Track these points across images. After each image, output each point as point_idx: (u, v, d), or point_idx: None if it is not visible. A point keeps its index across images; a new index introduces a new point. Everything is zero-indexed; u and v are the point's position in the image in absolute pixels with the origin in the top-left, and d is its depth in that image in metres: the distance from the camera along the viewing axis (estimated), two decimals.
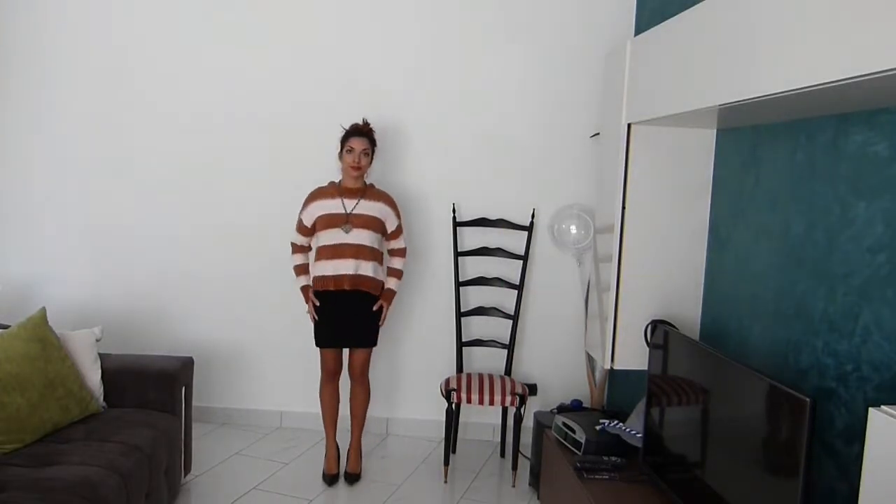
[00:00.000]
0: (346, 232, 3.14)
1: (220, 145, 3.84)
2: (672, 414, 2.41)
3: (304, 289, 3.29)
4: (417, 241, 3.79)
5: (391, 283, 3.32)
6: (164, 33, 3.80)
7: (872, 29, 1.32)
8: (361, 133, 3.20)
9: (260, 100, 3.80)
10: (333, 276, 3.17)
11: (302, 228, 3.26)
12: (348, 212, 3.16)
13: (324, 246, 3.19)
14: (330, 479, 3.29)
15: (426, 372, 3.89)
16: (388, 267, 3.36)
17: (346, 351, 3.37)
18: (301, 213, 3.26)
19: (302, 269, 3.30)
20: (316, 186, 3.28)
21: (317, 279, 3.24)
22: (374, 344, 3.31)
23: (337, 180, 3.27)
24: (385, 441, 3.85)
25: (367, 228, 3.18)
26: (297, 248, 3.32)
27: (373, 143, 3.23)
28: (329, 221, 3.17)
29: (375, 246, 3.23)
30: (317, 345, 3.28)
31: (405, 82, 3.77)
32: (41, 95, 3.85)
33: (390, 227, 3.27)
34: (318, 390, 3.37)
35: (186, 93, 3.82)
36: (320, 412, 3.40)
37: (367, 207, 3.19)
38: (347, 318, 3.23)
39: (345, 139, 3.20)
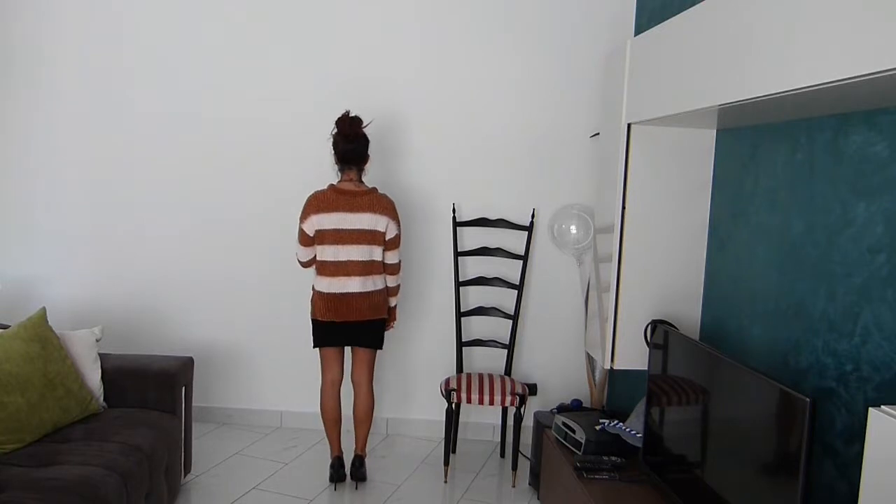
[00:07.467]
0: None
1: (219, 146, 3.84)
2: (672, 414, 2.41)
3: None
4: (418, 241, 3.79)
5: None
6: (164, 33, 3.80)
7: (872, 29, 1.32)
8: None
9: (259, 100, 3.80)
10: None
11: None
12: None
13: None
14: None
15: (426, 372, 3.89)
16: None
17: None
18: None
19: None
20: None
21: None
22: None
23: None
24: (385, 441, 3.85)
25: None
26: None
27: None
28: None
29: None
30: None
31: (406, 82, 3.77)
32: (41, 96, 3.85)
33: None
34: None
35: (186, 94, 3.82)
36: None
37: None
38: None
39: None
